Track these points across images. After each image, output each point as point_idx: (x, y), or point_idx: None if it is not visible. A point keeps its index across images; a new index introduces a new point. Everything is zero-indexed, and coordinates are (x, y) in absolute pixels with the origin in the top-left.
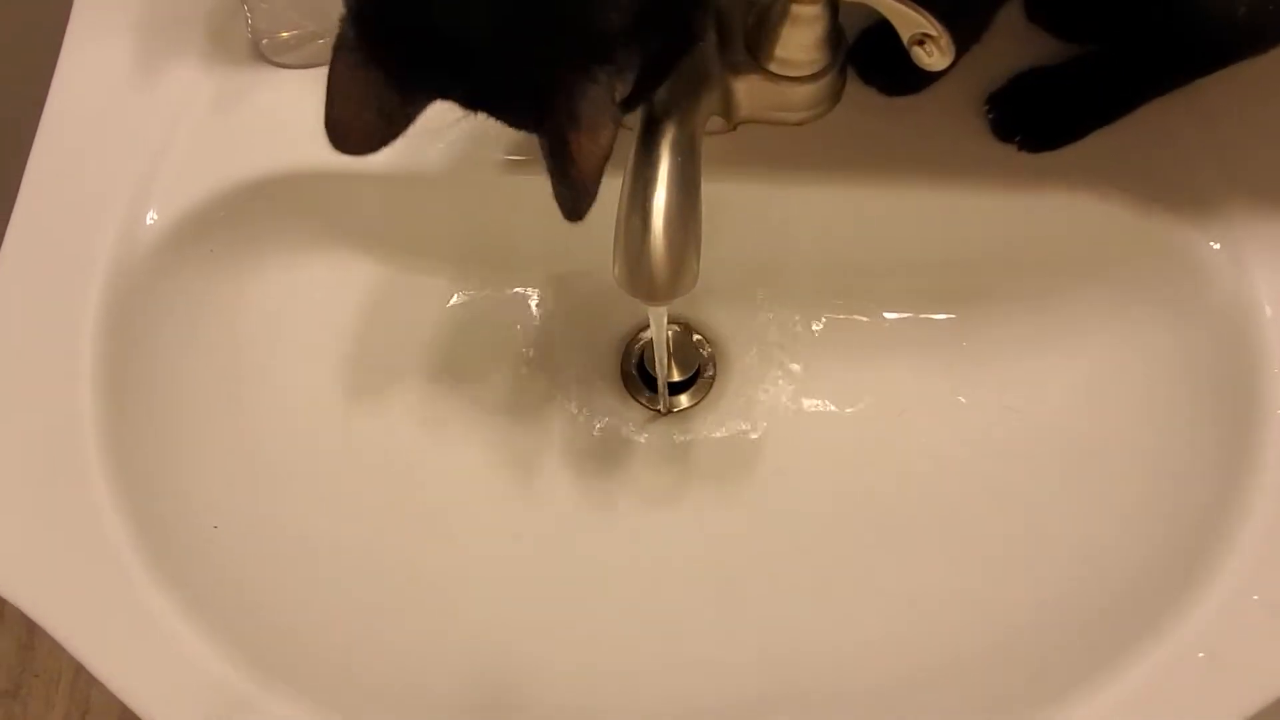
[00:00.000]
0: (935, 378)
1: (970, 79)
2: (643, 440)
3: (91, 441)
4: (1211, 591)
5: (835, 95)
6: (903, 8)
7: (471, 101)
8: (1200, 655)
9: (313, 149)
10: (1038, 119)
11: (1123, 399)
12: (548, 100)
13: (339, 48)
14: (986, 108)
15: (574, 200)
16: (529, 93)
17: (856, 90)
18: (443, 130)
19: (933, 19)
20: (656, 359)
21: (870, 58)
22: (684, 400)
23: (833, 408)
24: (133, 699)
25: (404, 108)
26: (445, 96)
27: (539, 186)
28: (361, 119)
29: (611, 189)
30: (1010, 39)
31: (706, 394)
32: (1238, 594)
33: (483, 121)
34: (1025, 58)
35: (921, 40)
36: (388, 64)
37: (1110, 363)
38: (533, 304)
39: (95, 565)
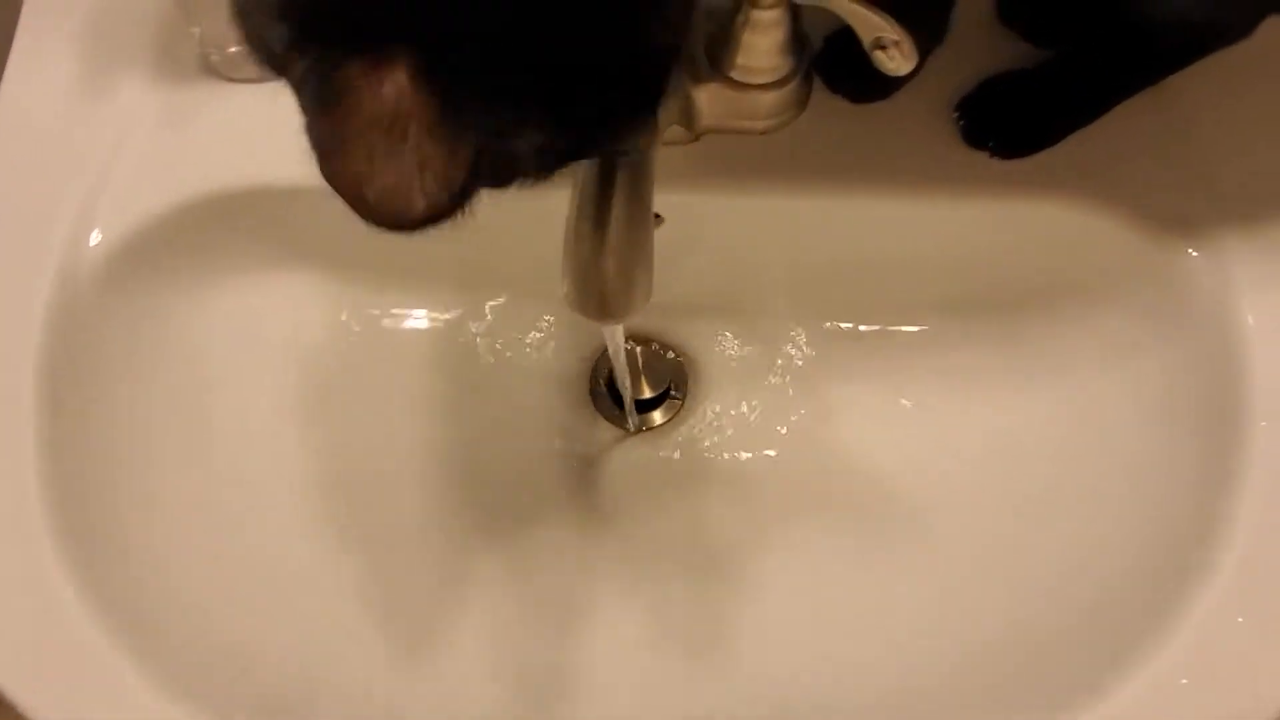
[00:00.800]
0: (909, 390)
1: (939, 84)
2: (611, 459)
3: (34, 480)
4: (1195, 613)
5: (800, 102)
6: (862, 10)
7: None
8: (1184, 682)
9: (266, 165)
10: (1009, 125)
11: (1102, 410)
12: None
13: None
14: (956, 114)
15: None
16: None
17: (823, 97)
18: None
19: (893, 22)
20: (617, 377)
21: (836, 64)
22: (657, 417)
23: (807, 422)
24: None
25: None
26: None
27: (504, 206)
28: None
29: (560, 202)
30: (978, 44)
31: (678, 411)
32: (1222, 615)
33: None
34: (994, 63)
35: (883, 45)
36: None
37: (1088, 373)
38: (499, 322)
39: (44, 617)
